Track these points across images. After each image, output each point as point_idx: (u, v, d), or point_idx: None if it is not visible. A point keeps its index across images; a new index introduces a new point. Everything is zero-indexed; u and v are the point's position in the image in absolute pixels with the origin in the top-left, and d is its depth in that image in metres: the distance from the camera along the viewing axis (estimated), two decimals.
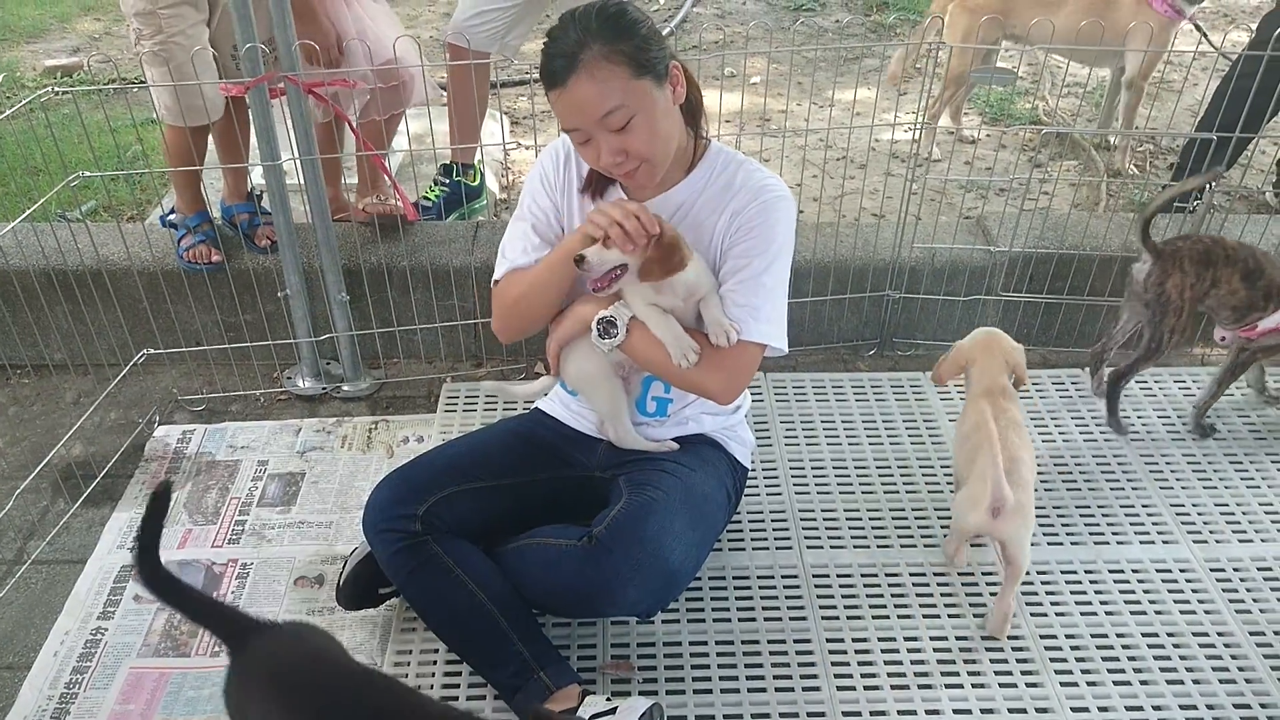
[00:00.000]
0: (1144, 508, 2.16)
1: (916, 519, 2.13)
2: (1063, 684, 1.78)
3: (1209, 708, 1.74)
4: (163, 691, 1.80)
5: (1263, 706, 1.74)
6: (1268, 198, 3.25)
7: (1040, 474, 2.24)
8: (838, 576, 1.99)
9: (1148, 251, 2.19)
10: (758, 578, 1.99)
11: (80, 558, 2.07)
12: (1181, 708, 1.74)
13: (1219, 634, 1.87)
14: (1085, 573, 2.00)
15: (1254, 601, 1.94)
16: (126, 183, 3.27)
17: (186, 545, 2.10)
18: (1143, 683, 1.78)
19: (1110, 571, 2.00)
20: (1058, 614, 1.91)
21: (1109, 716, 1.73)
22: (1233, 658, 1.83)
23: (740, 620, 1.90)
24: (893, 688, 1.77)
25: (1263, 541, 2.08)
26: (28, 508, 2.19)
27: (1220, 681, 1.78)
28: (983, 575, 1.99)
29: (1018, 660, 1.82)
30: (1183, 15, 3.14)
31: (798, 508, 2.16)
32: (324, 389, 2.54)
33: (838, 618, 1.90)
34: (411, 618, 1.89)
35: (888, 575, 1.99)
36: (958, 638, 1.86)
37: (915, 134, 2.55)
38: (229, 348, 2.55)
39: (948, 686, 1.77)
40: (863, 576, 1.99)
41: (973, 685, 1.77)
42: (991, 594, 1.94)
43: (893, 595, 1.95)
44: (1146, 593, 1.96)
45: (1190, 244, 2.19)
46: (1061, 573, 2.00)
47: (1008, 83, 2.91)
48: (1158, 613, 1.92)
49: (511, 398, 2.38)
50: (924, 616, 1.90)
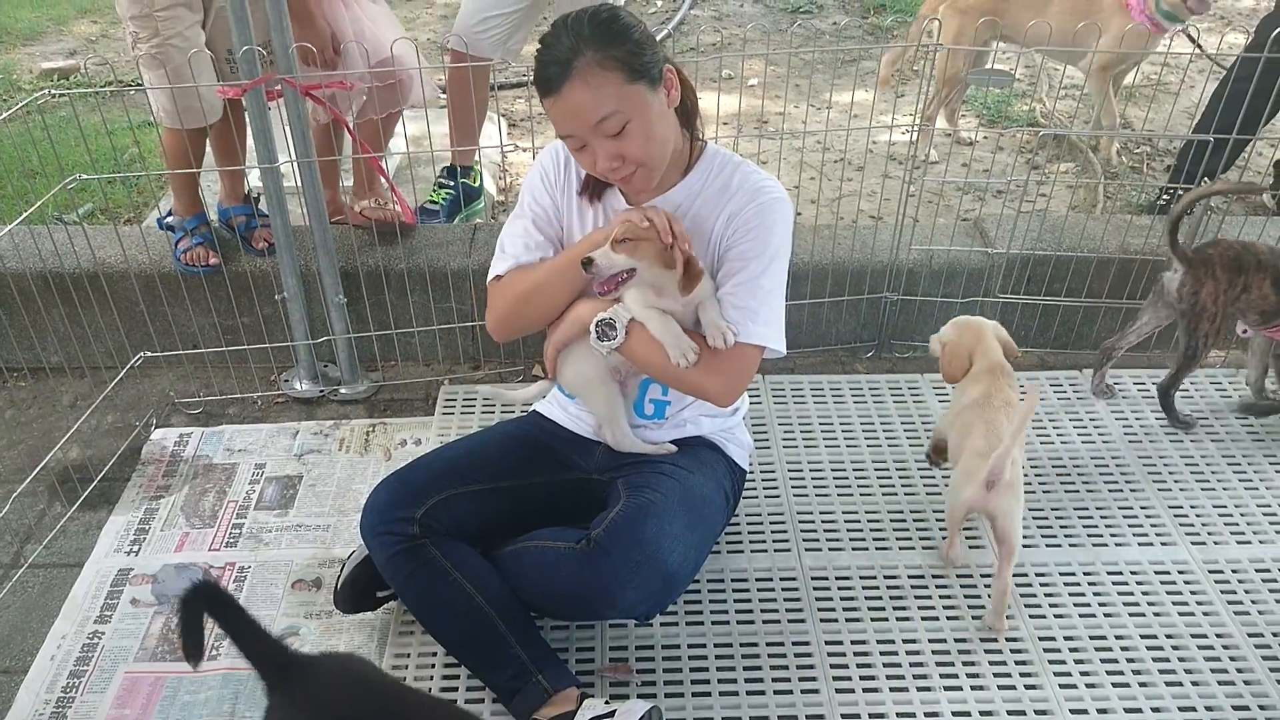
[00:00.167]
0: (1142, 509, 2.16)
1: (915, 521, 2.13)
2: (1061, 686, 1.77)
3: (1207, 709, 1.74)
4: (159, 696, 1.80)
5: (1261, 708, 1.74)
6: (1265, 199, 3.25)
7: (1038, 476, 2.25)
8: (836, 579, 1.99)
9: (1178, 260, 2.20)
10: (756, 580, 1.98)
11: (77, 561, 2.07)
12: (1180, 709, 1.74)
13: (1217, 635, 1.87)
14: (1084, 574, 2.00)
15: (1252, 603, 1.94)
16: (123, 185, 3.26)
17: (184, 548, 2.09)
18: (1141, 684, 1.78)
19: (1109, 573, 2.00)
20: (1056, 616, 1.91)
21: (1107, 718, 1.73)
22: (1231, 659, 1.83)
23: (739, 623, 1.90)
24: (891, 690, 1.77)
25: (1260, 543, 2.08)
26: (24, 511, 2.18)
27: (1219, 683, 1.78)
28: (981, 578, 1.99)
29: (1016, 662, 1.82)
30: (1162, 29, 3.13)
31: (796, 510, 2.16)
32: (321, 392, 2.54)
33: (836, 620, 1.90)
34: (409, 621, 1.88)
35: (886, 578, 1.99)
36: (956, 640, 1.86)
37: (913, 136, 2.55)
38: (226, 350, 2.55)
39: (946, 689, 1.77)
40: (861, 579, 1.99)
41: (971, 687, 1.77)
42: (991, 597, 1.94)
43: (891, 598, 1.95)
44: (1145, 594, 1.96)
45: (1220, 250, 2.20)
46: (1060, 575, 2.00)
47: (1005, 85, 2.91)
48: (1156, 614, 1.92)
49: (509, 402, 2.38)
50: (922, 619, 1.90)
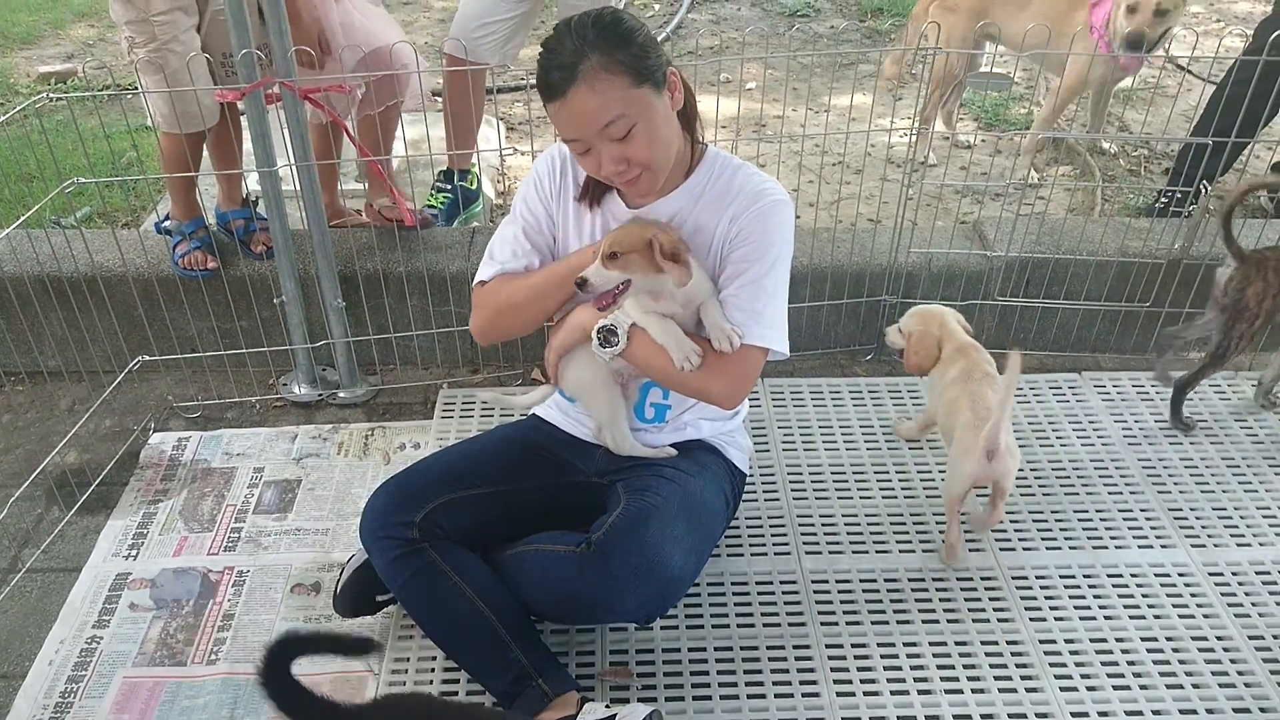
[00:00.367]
0: (1142, 512, 2.16)
1: (915, 524, 2.12)
2: (1062, 689, 1.77)
3: (1208, 712, 1.74)
4: (157, 701, 1.79)
5: (1262, 710, 1.74)
6: (1262, 201, 3.26)
7: (1038, 478, 2.25)
8: (836, 582, 1.99)
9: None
10: (756, 583, 1.98)
11: (75, 566, 2.06)
12: (1181, 712, 1.74)
13: (1218, 638, 1.87)
14: (1084, 577, 2.00)
15: (1252, 605, 1.94)
16: (121, 189, 3.26)
17: (182, 552, 2.09)
18: (1142, 687, 1.78)
19: (1109, 576, 2.00)
20: (1057, 619, 1.91)
21: None
22: (1231, 661, 1.83)
23: (739, 626, 1.89)
24: (892, 693, 1.77)
25: (1260, 545, 2.08)
26: (22, 515, 2.18)
27: (1219, 685, 1.78)
28: (981, 580, 1.99)
29: (1017, 665, 1.82)
30: (1119, 58, 3.09)
31: (795, 513, 2.15)
32: (320, 395, 2.53)
33: (836, 624, 1.90)
34: (409, 625, 1.88)
35: (886, 581, 1.99)
36: (957, 643, 1.86)
37: (912, 138, 2.55)
38: (224, 354, 2.54)
39: (947, 692, 1.77)
40: (861, 582, 1.99)
41: (972, 691, 1.77)
42: (991, 600, 1.95)
43: (891, 600, 1.94)
44: (1145, 597, 1.96)
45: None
46: (1060, 577, 1.99)
47: (1003, 88, 2.91)
48: (1156, 617, 1.92)
49: (512, 408, 2.37)
50: (923, 622, 1.90)
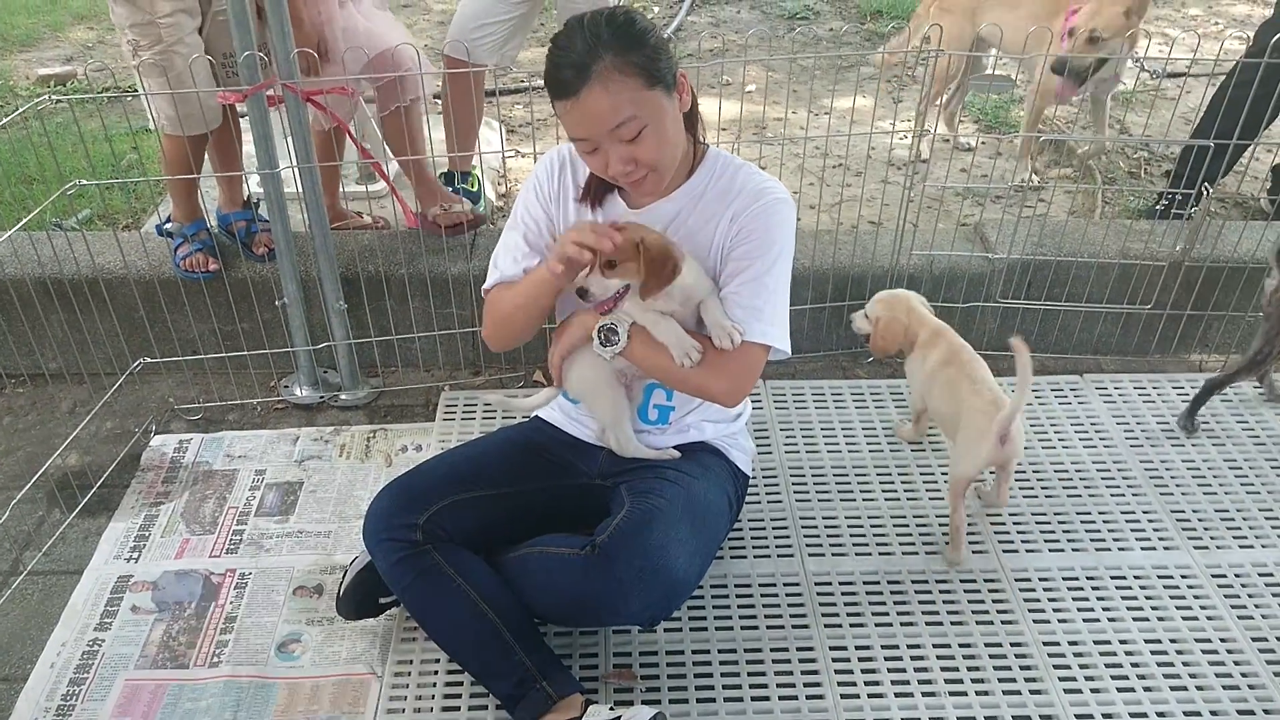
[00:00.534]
0: (1144, 513, 2.16)
1: (918, 526, 2.12)
2: (1066, 690, 1.77)
3: (1212, 714, 1.74)
4: (160, 703, 1.79)
5: (1266, 712, 1.74)
6: (1262, 204, 3.26)
7: (1040, 480, 2.25)
8: (840, 584, 1.98)
9: (1276, 266, 2.22)
10: (760, 585, 1.98)
11: (76, 568, 2.06)
12: (1185, 714, 1.74)
13: (1221, 639, 1.87)
14: (1087, 579, 2.00)
15: (1255, 607, 1.94)
16: (121, 191, 3.25)
17: (184, 555, 2.08)
18: (1146, 689, 1.78)
19: (1112, 578, 2.00)
20: (1060, 620, 1.90)
21: None
22: (1235, 663, 1.83)
23: (743, 628, 1.89)
24: (896, 695, 1.76)
25: (1263, 547, 2.08)
26: (23, 518, 2.17)
27: (1223, 687, 1.78)
28: (985, 582, 1.99)
29: (1021, 667, 1.81)
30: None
31: (798, 515, 2.15)
32: (321, 398, 2.53)
33: (840, 625, 1.90)
34: (412, 627, 1.87)
35: (890, 583, 1.99)
36: (961, 645, 1.86)
37: (914, 140, 2.55)
38: (226, 356, 2.54)
39: (952, 694, 1.77)
40: (865, 584, 1.98)
41: (977, 693, 1.77)
42: (995, 601, 1.94)
43: (895, 603, 1.94)
44: (1148, 599, 1.96)
45: None
46: (1063, 579, 1.99)
47: (1005, 90, 2.91)
48: (1159, 619, 1.91)
49: (516, 410, 2.37)
50: (927, 624, 1.90)
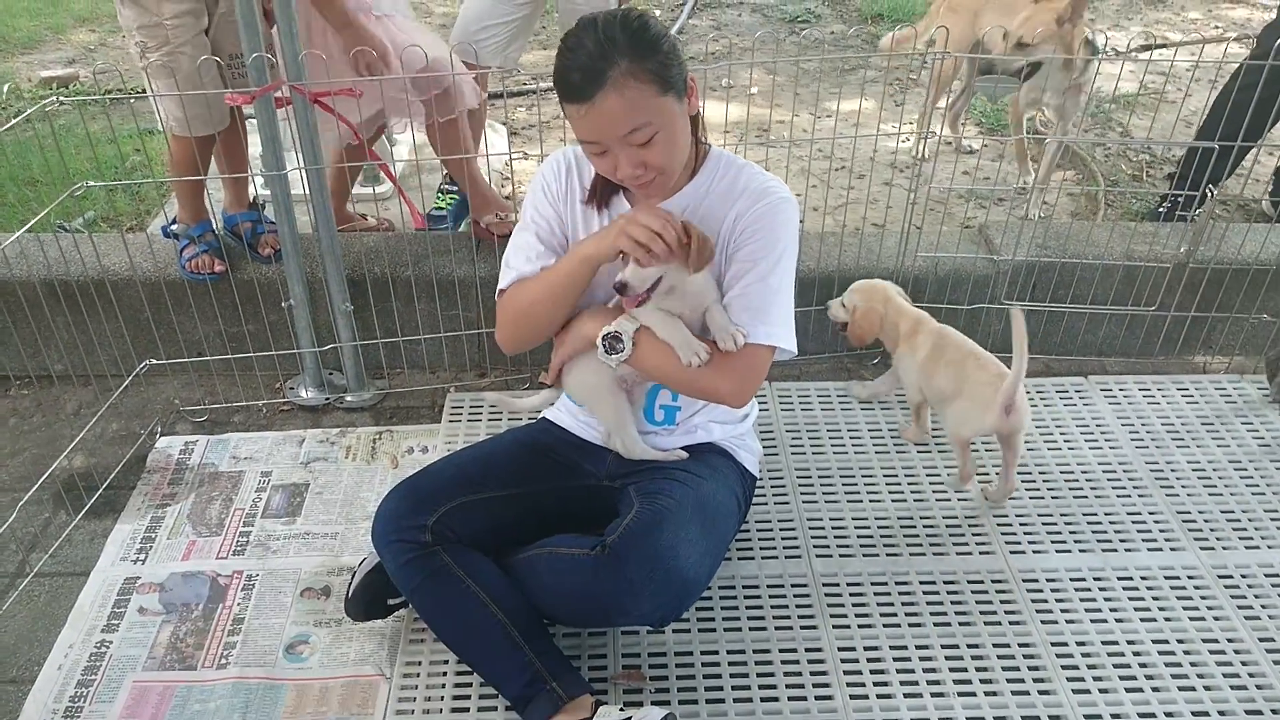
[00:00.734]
0: (1150, 514, 2.16)
1: (925, 527, 2.13)
2: (1075, 691, 1.77)
3: (1221, 714, 1.74)
4: (168, 705, 1.78)
5: (1274, 713, 1.74)
6: (1264, 206, 3.27)
7: (1046, 482, 2.25)
8: (847, 585, 1.99)
9: None
10: (767, 587, 1.98)
11: (83, 570, 2.05)
12: (1194, 714, 1.74)
13: (1228, 640, 1.88)
14: (1094, 580, 2.00)
15: (1262, 608, 1.94)
16: (125, 193, 3.25)
17: (190, 556, 2.08)
18: (1154, 689, 1.78)
19: (1119, 579, 2.00)
20: (1068, 621, 1.91)
21: None
22: (1243, 663, 1.83)
23: (751, 630, 1.89)
24: (906, 696, 1.77)
25: (1269, 548, 2.08)
26: (29, 519, 2.17)
27: (1231, 687, 1.79)
28: (992, 583, 1.99)
29: (1029, 668, 1.82)
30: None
31: (805, 516, 2.15)
32: (327, 399, 2.53)
33: (849, 627, 1.90)
34: (420, 628, 1.87)
35: (898, 584, 1.99)
36: (969, 645, 1.86)
37: (918, 140, 2.56)
38: (231, 358, 2.53)
39: (960, 695, 1.77)
40: (873, 585, 1.99)
41: (986, 694, 1.77)
42: (1003, 602, 1.95)
43: (903, 604, 1.94)
44: (1155, 600, 1.96)
45: None
46: (1070, 580, 2.00)
47: (1010, 93, 2.93)
48: (1167, 619, 1.92)
49: (516, 411, 2.37)
50: (935, 625, 1.90)
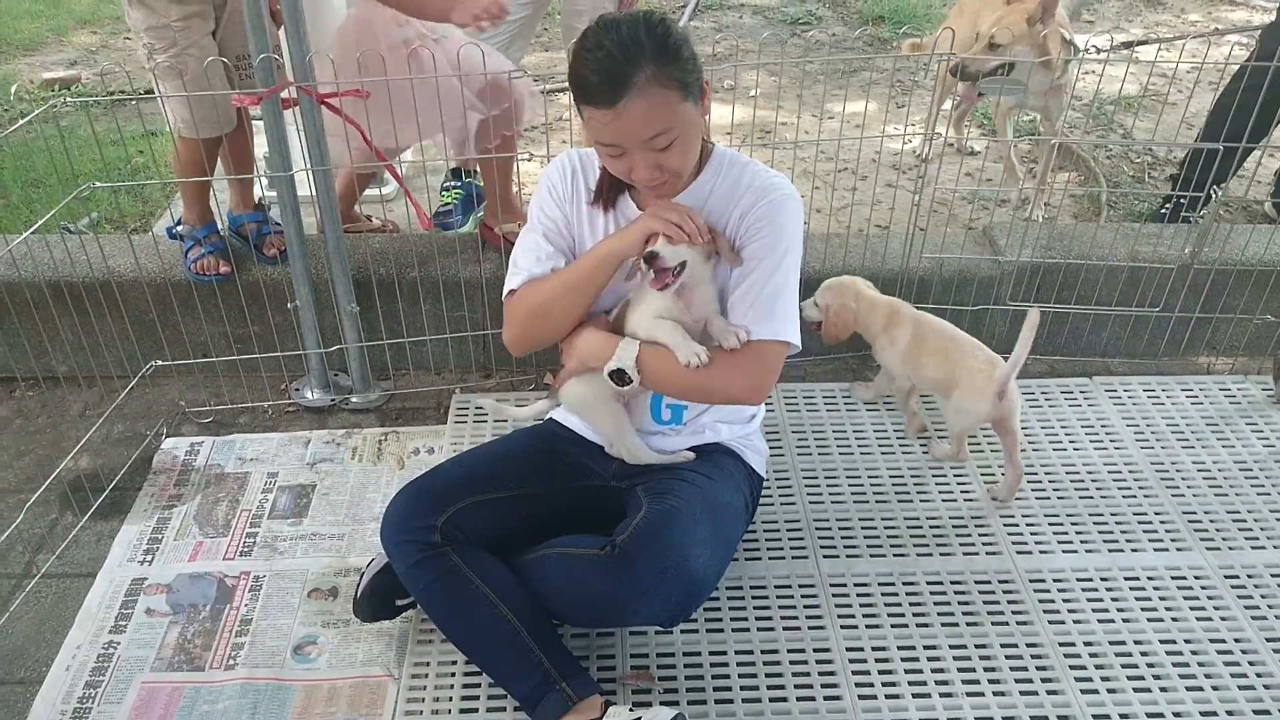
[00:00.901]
0: (1156, 514, 2.17)
1: (932, 527, 2.13)
2: (1083, 691, 1.78)
3: (1229, 714, 1.74)
4: (176, 706, 1.78)
5: None
6: (1266, 208, 3.28)
7: (1052, 483, 2.26)
8: (855, 586, 1.99)
9: None
10: (775, 587, 1.98)
11: (90, 571, 2.05)
12: (1202, 714, 1.74)
13: (1235, 640, 1.88)
14: (1100, 580, 2.00)
15: (1269, 608, 1.95)
16: (129, 194, 3.25)
17: (197, 557, 2.08)
18: (1162, 689, 1.78)
19: (1125, 579, 2.01)
20: (1075, 622, 1.91)
21: None
22: (1250, 663, 1.83)
23: (759, 630, 1.89)
24: (914, 696, 1.77)
25: (1275, 548, 2.09)
26: (36, 521, 2.17)
27: (1239, 687, 1.79)
28: (999, 584, 1.99)
29: (1037, 669, 1.82)
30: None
31: (812, 517, 2.16)
32: (333, 400, 2.53)
33: (856, 627, 1.90)
34: (428, 629, 1.87)
35: (905, 584, 1.99)
36: (977, 646, 1.86)
37: (923, 141, 2.56)
38: (237, 359, 2.53)
39: (969, 695, 1.77)
40: (880, 585, 1.99)
41: (994, 694, 1.77)
42: (1010, 603, 1.95)
43: (911, 604, 1.95)
44: (1162, 600, 1.96)
45: None
46: (1077, 581, 2.00)
47: (1015, 94, 2.93)
48: (1174, 620, 1.92)
49: (509, 418, 2.37)
50: (942, 625, 1.90)
